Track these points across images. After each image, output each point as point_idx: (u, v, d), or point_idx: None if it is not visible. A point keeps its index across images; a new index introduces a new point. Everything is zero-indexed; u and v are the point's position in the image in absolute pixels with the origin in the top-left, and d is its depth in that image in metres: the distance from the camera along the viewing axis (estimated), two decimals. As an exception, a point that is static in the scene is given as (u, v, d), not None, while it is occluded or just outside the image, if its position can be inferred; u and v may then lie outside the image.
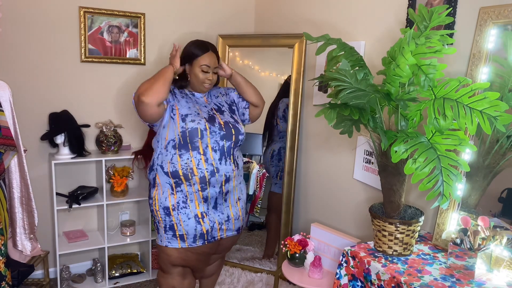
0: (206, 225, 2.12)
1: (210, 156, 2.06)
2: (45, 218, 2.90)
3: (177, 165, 2.05)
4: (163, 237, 2.13)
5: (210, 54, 2.13)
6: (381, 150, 1.72)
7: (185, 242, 2.10)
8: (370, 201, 2.33)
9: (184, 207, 2.08)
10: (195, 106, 2.13)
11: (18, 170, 2.38)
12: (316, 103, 2.74)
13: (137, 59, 3.03)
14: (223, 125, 2.11)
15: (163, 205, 2.09)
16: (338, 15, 2.55)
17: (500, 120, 1.42)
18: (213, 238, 2.18)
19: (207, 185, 2.07)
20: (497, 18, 1.67)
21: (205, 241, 2.14)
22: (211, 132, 2.06)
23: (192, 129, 2.03)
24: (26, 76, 2.73)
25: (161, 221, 2.11)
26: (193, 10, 3.17)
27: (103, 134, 2.86)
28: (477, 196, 1.77)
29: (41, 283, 2.81)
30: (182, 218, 2.08)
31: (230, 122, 2.16)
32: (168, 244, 2.12)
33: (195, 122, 2.04)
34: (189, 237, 2.10)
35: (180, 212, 2.08)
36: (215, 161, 2.07)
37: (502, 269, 1.58)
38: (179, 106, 2.08)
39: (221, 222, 2.19)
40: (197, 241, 2.12)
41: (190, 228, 2.09)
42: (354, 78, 1.63)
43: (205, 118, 2.08)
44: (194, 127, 2.03)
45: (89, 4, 2.82)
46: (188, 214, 2.08)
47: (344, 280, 1.81)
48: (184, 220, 2.08)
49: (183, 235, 2.09)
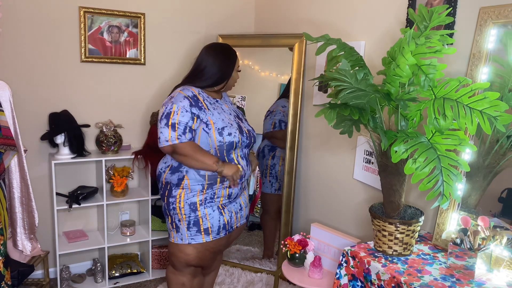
0: (226, 216, 2.18)
1: (241, 162, 2.16)
2: (45, 218, 2.90)
3: None
4: (184, 235, 2.13)
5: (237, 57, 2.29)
6: (381, 150, 1.72)
7: (209, 235, 2.12)
8: (370, 201, 2.33)
9: (210, 201, 2.13)
10: (226, 116, 2.17)
11: (18, 170, 2.38)
12: (316, 103, 2.74)
13: (137, 59, 3.03)
14: (247, 133, 2.20)
15: (189, 201, 2.10)
16: (338, 15, 2.55)
17: (500, 120, 1.42)
18: (231, 227, 2.23)
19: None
20: (497, 18, 1.67)
21: (227, 231, 2.19)
22: (241, 143, 2.16)
23: (230, 142, 2.09)
24: (26, 76, 2.73)
25: (184, 219, 2.11)
26: (193, 10, 3.17)
27: (103, 134, 2.86)
28: (477, 196, 1.77)
29: (41, 283, 2.81)
30: (208, 211, 2.12)
31: (251, 131, 2.26)
32: (191, 241, 2.12)
33: (232, 135, 2.10)
34: (214, 230, 2.13)
35: (207, 206, 2.12)
36: (243, 167, 2.17)
37: (502, 269, 1.58)
38: (213, 120, 2.08)
39: (237, 211, 2.26)
40: (220, 233, 2.16)
41: (214, 220, 2.12)
42: (354, 78, 1.63)
43: (238, 130, 2.15)
44: (231, 140, 2.09)
45: (89, 4, 2.82)
46: (213, 207, 2.13)
47: (344, 280, 1.81)
48: (210, 213, 2.12)
49: (207, 228, 2.12)
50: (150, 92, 3.12)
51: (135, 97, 3.07)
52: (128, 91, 3.04)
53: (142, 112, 3.12)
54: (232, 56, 2.23)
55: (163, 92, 3.15)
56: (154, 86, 3.12)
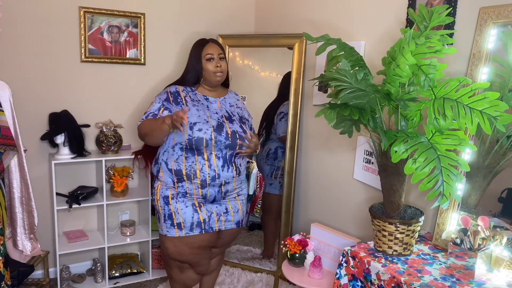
0: (203, 214, 2.18)
1: (213, 163, 2.14)
2: (45, 218, 2.90)
3: (182, 165, 2.14)
4: (162, 226, 2.21)
5: (211, 45, 2.24)
6: (381, 150, 1.72)
7: (182, 230, 2.16)
8: (370, 201, 2.33)
9: (183, 197, 2.17)
10: (206, 113, 2.17)
11: (18, 170, 2.38)
12: (316, 103, 2.74)
13: (137, 59, 3.03)
14: (230, 134, 2.16)
15: (163, 194, 2.18)
16: (338, 15, 2.55)
17: (500, 120, 1.42)
18: (211, 228, 2.22)
19: (207, 186, 2.15)
20: (497, 18, 1.67)
21: (202, 230, 2.19)
22: (216, 142, 2.12)
23: (198, 138, 2.09)
24: (26, 76, 2.73)
25: (161, 210, 2.19)
26: (193, 10, 3.17)
27: (103, 134, 2.86)
28: (477, 196, 1.77)
29: (41, 283, 2.81)
30: (180, 206, 2.15)
31: (238, 132, 2.19)
32: (167, 233, 2.19)
33: (202, 131, 2.10)
34: (186, 225, 2.16)
35: (179, 201, 2.16)
36: (218, 168, 2.14)
37: (502, 269, 1.58)
38: (188, 115, 2.12)
39: (219, 213, 2.24)
40: (194, 230, 2.17)
41: (187, 216, 2.15)
42: (354, 78, 1.63)
43: (213, 127, 2.13)
44: (201, 136, 2.09)
45: (89, 4, 2.82)
46: (186, 203, 2.16)
47: (344, 280, 1.81)
48: (182, 208, 2.15)
49: (180, 223, 2.16)
50: (150, 92, 3.11)
51: (135, 97, 3.07)
52: (128, 91, 3.04)
53: (142, 112, 3.12)
54: (197, 47, 2.23)
55: (163, 92, 3.15)
56: (154, 86, 3.12)
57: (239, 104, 2.39)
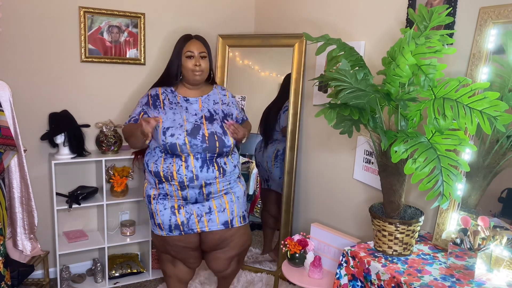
0: (181, 217, 2.17)
1: (191, 163, 2.11)
2: (45, 218, 2.90)
3: (160, 167, 2.14)
4: (150, 222, 2.30)
5: (194, 42, 2.20)
6: (381, 150, 1.72)
7: (163, 231, 2.21)
8: (370, 201, 2.33)
9: (163, 198, 2.19)
10: (182, 117, 2.14)
11: (18, 170, 2.38)
12: (316, 103, 2.74)
13: (137, 59, 3.03)
14: (207, 136, 2.11)
15: (147, 193, 2.24)
16: (338, 15, 2.55)
17: (500, 120, 1.42)
18: (191, 230, 2.19)
19: (186, 188, 2.14)
20: (497, 18, 1.67)
21: (182, 231, 2.20)
22: (192, 146, 2.10)
23: (171, 144, 2.09)
24: (26, 76, 2.73)
25: (147, 208, 2.29)
26: (193, 10, 3.17)
27: (103, 134, 2.86)
28: (477, 196, 1.77)
29: (41, 283, 2.81)
30: (159, 208, 2.18)
31: (216, 133, 2.14)
32: (153, 230, 2.27)
33: (174, 136, 2.08)
34: (165, 227, 2.20)
35: (158, 202, 2.19)
36: (196, 169, 2.11)
37: (502, 269, 1.58)
38: (163, 119, 2.14)
39: (201, 214, 2.18)
40: (173, 231, 2.20)
41: (165, 218, 2.18)
42: (354, 78, 1.63)
43: (187, 131, 2.09)
44: (173, 142, 2.08)
45: (89, 4, 2.82)
46: (165, 205, 2.18)
47: (344, 280, 1.81)
48: (160, 210, 2.18)
49: (159, 224, 2.20)
50: (150, 92, 3.12)
51: (135, 97, 3.07)
52: (128, 91, 3.04)
53: (142, 112, 3.12)
54: (179, 42, 2.21)
55: (163, 92, 3.15)
56: (154, 86, 3.12)
57: (225, 99, 2.30)
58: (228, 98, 2.34)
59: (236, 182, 2.29)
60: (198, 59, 2.17)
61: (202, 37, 2.28)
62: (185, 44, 2.18)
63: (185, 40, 2.20)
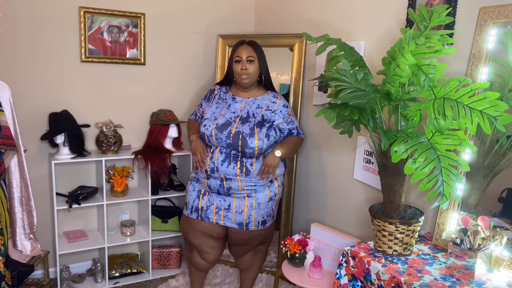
0: (203, 202, 2.34)
1: (215, 155, 2.26)
2: (45, 218, 2.90)
3: None
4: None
5: (245, 47, 2.31)
6: (381, 150, 1.72)
7: (187, 210, 2.41)
8: (370, 201, 2.33)
9: (195, 181, 2.41)
10: (220, 112, 2.32)
11: (18, 170, 2.38)
12: (316, 103, 2.74)
13: (137, 59, 3.03)
14: (232, 134, 2.21)
15: (190, 175, 2.49)
16: (338, 15, 2.55)
17: (500, 120, 1.42)
18: (207, 218, 2.33)
19: (210, 177, 2.29)
20: (497, 18, 1.67)
21: (199, 216, 2.35)
22: (217, 139, 2.25)
23: (202, 133, 2.31)
24: (26, 76, 2.73)
25: None
26: (193, 10, 3.17)
27: (103, 134, 2.86)
28: (477, 196, 1.77)
29: (41, 283, 2.81)
30: (190, 188, 2.42)
31: (242, 133, 2.20)
32: (183, 210, 2.47)
33: (205, 127, 2.30)
34: (189, 207, 2.40)
35: (192, 183, 2.42)
36: (218, 161, 2.25)
37: (502, 269, 1.58)
38: (208, 111, 2.39)
39: (220, 207, 2.31)
40: (193, 213, 2.37)
41: (191, 199, 2.39)
42: (354, 78, 1.63)
43: (216, 125, 2.24)
44: (203, 132, 2.30)
45: (89, 4, 2.82)
46: (195, 187, 2.40)
47: (344, 280, 1.81)
48: (189, 190, 2.42)
49: (187, 202, 2.42)
50: (150, 92, 3.12)
51: (135, 97, 3.07)
52: (128, 91, 3.04)
53: (142, 112, 3.12)
54: (233, 48, 2.35)
55: (163, 92, 3.15)
56: (154, 86, 3.12)
57: (272, 107, 2.32)
58: (278, 107, 2.33)
59: (264, 186, 2.30)
60: (244, 63, 2.28)
61: (255, 42, 2.35)
62: (237, 49, 2.31)
63: (238, 46, 2.33)
